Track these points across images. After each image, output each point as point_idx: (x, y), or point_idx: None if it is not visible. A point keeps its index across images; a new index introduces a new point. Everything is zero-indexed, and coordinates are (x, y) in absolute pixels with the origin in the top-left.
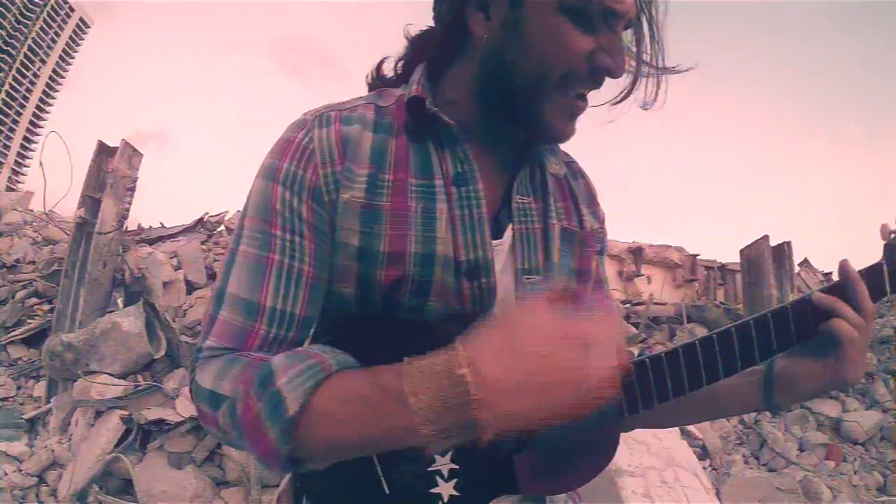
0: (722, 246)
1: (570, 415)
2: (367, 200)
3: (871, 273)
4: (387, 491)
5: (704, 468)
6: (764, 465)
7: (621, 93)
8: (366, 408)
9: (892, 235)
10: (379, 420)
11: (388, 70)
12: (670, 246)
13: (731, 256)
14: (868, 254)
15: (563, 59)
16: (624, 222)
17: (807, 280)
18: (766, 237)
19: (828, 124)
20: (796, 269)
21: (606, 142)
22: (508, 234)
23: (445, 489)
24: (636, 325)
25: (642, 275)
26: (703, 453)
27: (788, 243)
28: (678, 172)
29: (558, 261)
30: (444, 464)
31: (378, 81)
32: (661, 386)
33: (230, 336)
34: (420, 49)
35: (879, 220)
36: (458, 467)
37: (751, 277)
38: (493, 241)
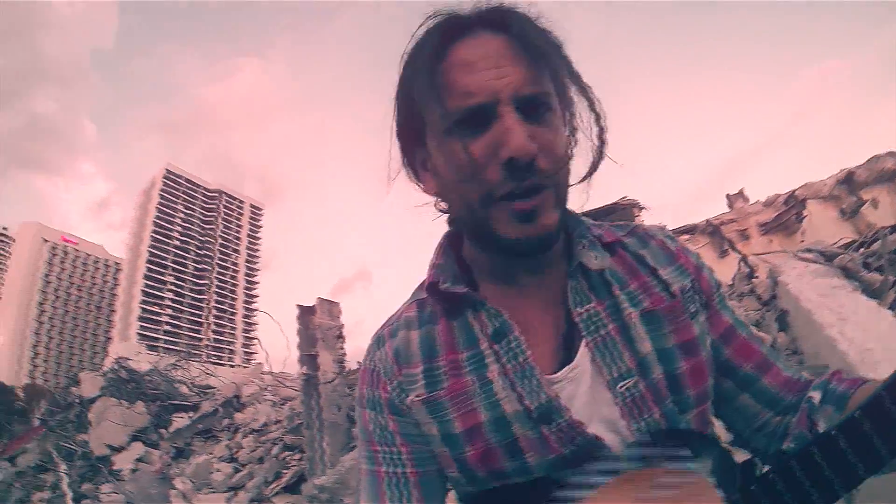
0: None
1: None
2: (427, 395)
3: None
4: None
5: None
6: None
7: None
8: None
9: None
10: None
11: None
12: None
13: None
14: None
15: (471, 178)
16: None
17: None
18: None
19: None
20: None
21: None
22: (582, 351)
23: None
24: None
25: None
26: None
27: None
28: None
29: (651, 350)
30: None
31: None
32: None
33: None
34: None
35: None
36: None
37: None
38: (564, 369)
